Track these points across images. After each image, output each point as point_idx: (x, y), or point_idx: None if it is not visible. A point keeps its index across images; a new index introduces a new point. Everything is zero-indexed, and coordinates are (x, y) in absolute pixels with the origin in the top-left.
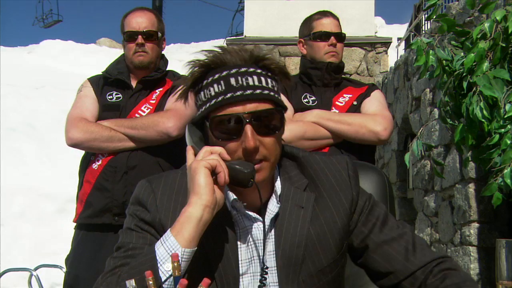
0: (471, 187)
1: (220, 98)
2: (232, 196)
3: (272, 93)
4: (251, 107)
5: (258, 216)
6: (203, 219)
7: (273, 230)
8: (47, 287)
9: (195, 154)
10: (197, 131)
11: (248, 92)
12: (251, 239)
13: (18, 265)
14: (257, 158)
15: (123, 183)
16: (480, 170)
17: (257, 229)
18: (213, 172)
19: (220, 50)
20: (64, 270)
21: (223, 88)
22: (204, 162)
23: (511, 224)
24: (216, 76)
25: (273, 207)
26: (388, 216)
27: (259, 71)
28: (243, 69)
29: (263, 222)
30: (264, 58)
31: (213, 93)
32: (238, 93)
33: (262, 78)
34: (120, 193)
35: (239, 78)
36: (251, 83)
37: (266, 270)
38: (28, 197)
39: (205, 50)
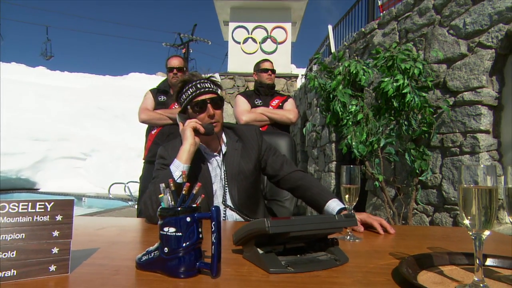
0: (333, 145)
1: (194, 94)
2: (204, 146)
3: (217, 90)
4: (208, 96)
5: (217, 154)
6: (191, 151)
7: (224, 160)
8: (133, 191)
9: (183, 125)
10: (183, 115)
11: (207, 89)
12: (215, 166)
13: (119, 181)
14: (214, 120)
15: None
16: (337, 136)
17: (217, 161)
18: (195, 130)
19: (189, 75)
20: (139, 184)
21: (194, 89)
22: (190, 125)
23: (349, 161)
24: (190, 85)
25: (223, 149)
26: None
27: (208, 82)
28: (202, 81)
29: (220, 156)
30: (210, 77)
31: (189, 92)
32: (202, 90)
33: (211, 84)
34: None
35: (202, 84)
36: (207, 86)
37: (226, 182)
38: (122, 149)
39: (185, 76)
